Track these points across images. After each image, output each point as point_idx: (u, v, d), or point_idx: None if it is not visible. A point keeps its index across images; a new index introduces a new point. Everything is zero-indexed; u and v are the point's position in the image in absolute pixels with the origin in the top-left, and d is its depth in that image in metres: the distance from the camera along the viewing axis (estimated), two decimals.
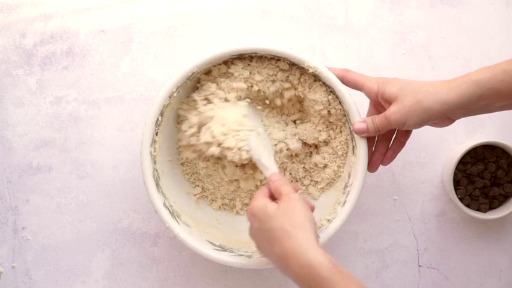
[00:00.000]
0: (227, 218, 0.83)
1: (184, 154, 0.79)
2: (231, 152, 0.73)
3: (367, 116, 0.77)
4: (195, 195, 0.82)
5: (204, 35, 0.87)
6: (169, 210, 0.75)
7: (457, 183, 0.84)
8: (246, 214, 0.67)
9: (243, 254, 0.75)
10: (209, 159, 0.80)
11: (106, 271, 0.86)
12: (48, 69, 0.86)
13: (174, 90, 0.73)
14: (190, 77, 0.74)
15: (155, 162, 0.75)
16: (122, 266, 0.86)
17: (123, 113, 0.86)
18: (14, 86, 0.86)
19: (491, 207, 0.85)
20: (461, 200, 0.83)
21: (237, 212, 0.83)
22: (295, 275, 0.60)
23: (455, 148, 0.87)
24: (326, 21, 0.87)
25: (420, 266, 0.87)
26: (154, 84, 0.86)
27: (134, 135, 0.86)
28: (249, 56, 0.76)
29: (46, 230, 0.85)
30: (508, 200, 0.85)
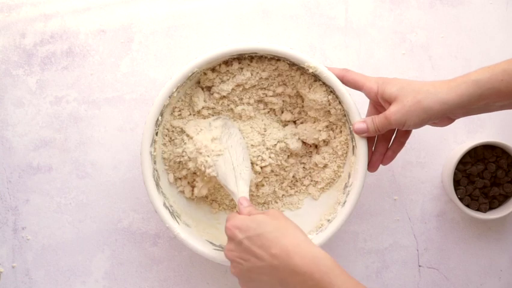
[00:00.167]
0: None
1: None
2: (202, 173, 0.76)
3: (367, 116, 0.77)
4: (195, 197, 0.82)
5: (204, 35, 0.87)
6: (169, 210, 0.75)
7: (457, 183, 0.84)
8: (226, 232, 0.66)
9: None
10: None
11: (106, 271, 0.86)
12: (48, 69, 0.86)
13: (174, 90, 0.73)
14: (190, 77, 0.74)
15: (155, 162, 0.75)
16: (122, 266, 0.86)
17: (123, 113, 0.86)
18: (14, 86, 0.86)
19: (491, 207, 0.85)
20: (461, 200, 0.83)
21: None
22: (297, 270, 0.59)
23: (455, 148, 0.87)
24: (326, 21, 0.87)
25: (420, 266, 0.87)
26: (154, 84, 0.86)
27: (134, 135, 0.86)
28: (249, 56, 0.76)
29: (46, 230, 0.85)
30: (508, 200, 0.85)
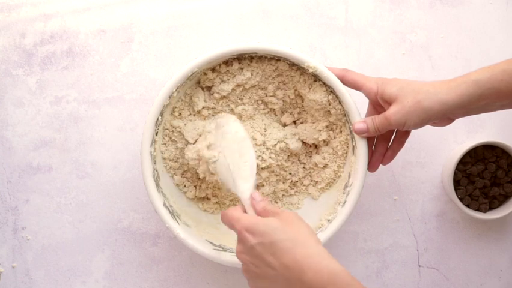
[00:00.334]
0: None
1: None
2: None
3: (366, 116, 0.77)
4: (195, 197, 0.82)
5: (204, 35, 0.87)
6: (169, 210, 0.75)
7: (457, 183, 0.84)
8: (237, 233, 0.62)
9: None
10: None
11: (106, 271, 0.86)
12: (48, 69, 0.86)
13: (174, 90, 0.73)
14: (190, 77, 0.74)
15: (155, 162, 0.75)
16: (122, 266, 0.86)
17: (123, 113, 0.86)
18: (14, 86, 0.86)
19: (491, 207, 0.85)
20: (461, 200, 0.83)
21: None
22: (309, 284, 0.56)
23: (455, 148, 0.87)
24: (326, 21, 0.87)
25: (420, 266, 0.87)
26: (154, 84, 0.86)
27: (134, 135, 0.86)
28: (249, 56, 0.76)
29: (46, 230, 0.85)
30: (508, 200, 0.85)
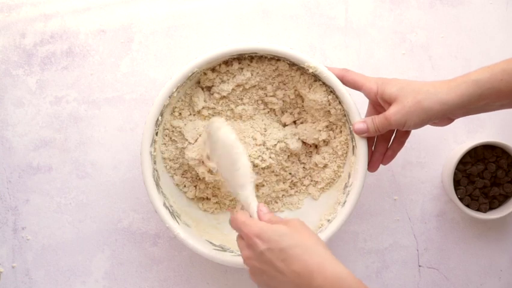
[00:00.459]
0: (227, 218, 0.82)
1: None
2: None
3: (366, 116, 0.77)
4: (195, 197, 0.82)
5: (204, 35, 0.87)
6: (169, 210, 0.75)
7: (457, 183, 0.84)
8: (246, 239, 0.62)
9: None
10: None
11: (106, 271, 0.86)
12: (48, 69, 0.86)
13: (174, 90, 0.73)
14: (190, 77, 0.74)
15: (155, 162, 0.75)
16: (122, 266, 0.86)
17: (123, 113, 0.86)
18: (14, 86, 0.86)
19: (491, 207, 0.85)
20: (461, 200, 0.83)
21: (236, 212, 0.82)
22: None
23: (455, 148, 0.87)
24: (326, 21, 0.87)
25: (420, 266, 0.87)
26: (154, 84, 0.86)
27: (134, 135, 0.86)
28: (249, 56, 0.76)
29: (46, 230, 0.85)
30: (508, 200, 0.85)
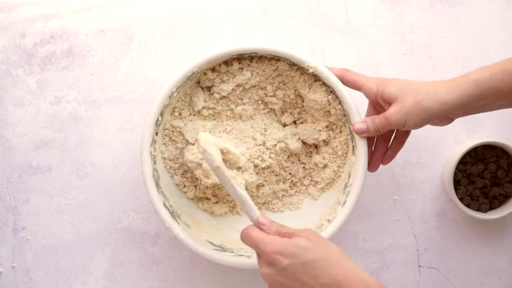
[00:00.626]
0: (227, 218, 0.82)
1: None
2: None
3: (366, 116, 0.77)
4: (195, 197, 0.82)
5: (204, 35, 0.87)
6: (169, 210, 0.75)
7: (457, 183, 0.84)
8: (265, 256, 0.61)
9: (243, 254, 0.75)
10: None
11: (106, 271, 0.86)
12: (48, 69, 0.86)
13: (174, 90, 0.73)
14: (190, 77, 0.74)
15: (155, 162, 0.75)
16: (122, 266, 0.86)
17: (123, 113, 0.86)
18: (14, 86, 0.86)
19: (491, 207, 0.85)
20: (461, 200, 0.83)
21: (236, 212, 0.83)
22: None
23: (455, 148, 0.87)
24: (326, 21, 0.87)
25: (420, 266, 0.87)
26: (154, 84, 0.86)
27: (134, 135, 0.86)
28: (249, 56, 0.76)
29: (46, 230, 0.85)
30: (508, 200, 0.85)
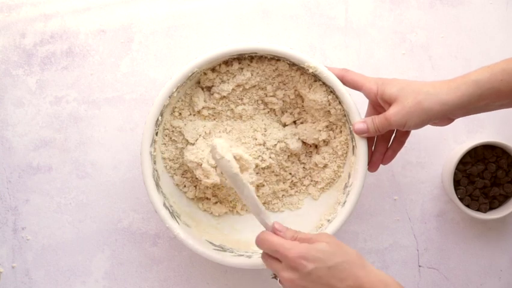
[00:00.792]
0: (227, 218, 0.82)
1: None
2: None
3: (366, 116, 0.77)
4: (195, 197, 0.82)
5: (204, 35, 0.87)
6: (169, 210, 0.75)
7: (457, 183, 0.84)
8: (288, 261, 0.62)
9: (243, 254, 0.75)
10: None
11: (106, 271, 0.86)
12: (48, 69, 0.86)
13: (174, 90, 0.73)
14: (190, 77, 0.74)
15: (155, 162, 0.75)
16: (122, 266, 0.86)
17: (123, 113, 0.86)
18: (14, 86, 0.86)
19: (491, 208, 0.85)
20: (461, 200, 0.83)
21: (236, 212, 0.83)
22: None
23: (455, 148, 0.87)
24: (326, 21, 0.87)
25: (420, 266, 0.87)
26: (154, 84, 0.86)
27: (134, 135, 0.86)
28: (249, 56, 0.76)
29: (46, 230, 0.85)
30: (508, 200, 0.85)
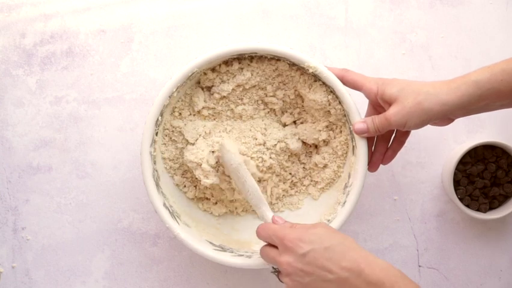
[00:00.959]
0: (227, 218, 0.82)
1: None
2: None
3: (366, 116, 0.77)
4: (195, 197, 0.82)
5: (204, 35, 0.87)
6: (169, 211, 0.75)
7: (457, 183, 0.84)
8: (285, 243, 0.63)
9: (243, 254, 0.75)
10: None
11: (106, 271, 0.86)
12: (48, 69, 0.86)
13: (174, 90, 0.73)
14: (190, 77, 0.74)
15: (155, 162, 0.75)
16: (122, 266, 0.86)
17: (123, 113, 0.86)
18: (14, 86, 0.86)
19: (491, 208, 0.85)
20: (461, 200, 0.83)
21: (236, 212, 0.83)
22: (368, 279, 0.60)
23: (455, 148, 0.87)
24: (326, 21, 0.87)
25: (420, 266, 0.87)
26: (154, 84, 0.86)
27: (134, 135, 0.86)
28: (249, 56, 0.76)
29: (46, 230, 0.85)
30: (508, 200, 0.85)
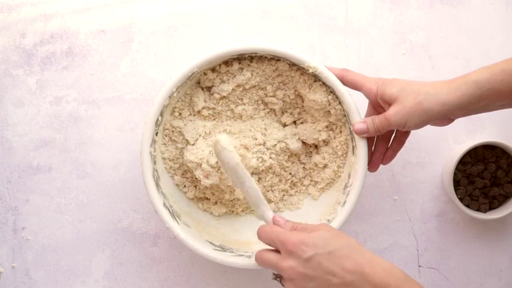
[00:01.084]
0: (227, 218, 0.82)
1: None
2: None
3: (366, 116, 0.77)
4: (195, 197, 0.82)
5: (204, 35, 0.87)
6: (169, 211, 0.75)
7: (457, 183, 0.84)
8: (288, 247, 0.63)
9: (243, 254, 0.75)
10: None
11: (106, 271, 0.86)
12: (48, 69, 0.86)
13: (174, 90, 0.73)
14: (190, 77, 0.74)
15: (155, 162, 0.75)
16: (122, 266, 0.86)
17: (123, 113, 0.86)
18: (14, 86, 0.86)
19: (491, 208, 0.85)
20: (461, 200, 0.83)
21: (236, 212, 0.83)
22: (373, 282, 0.60)
23: (455, 148, 0.87)
24: (326, 21, 0.87)
25: (420, 266, 0.87)
26: (154, 84, 0.86)
27: (134, 135, 0.86)
28: (249, 56, 0.76)
29: (46, 230, 0.85)
30: (508, 200, 0.85)
